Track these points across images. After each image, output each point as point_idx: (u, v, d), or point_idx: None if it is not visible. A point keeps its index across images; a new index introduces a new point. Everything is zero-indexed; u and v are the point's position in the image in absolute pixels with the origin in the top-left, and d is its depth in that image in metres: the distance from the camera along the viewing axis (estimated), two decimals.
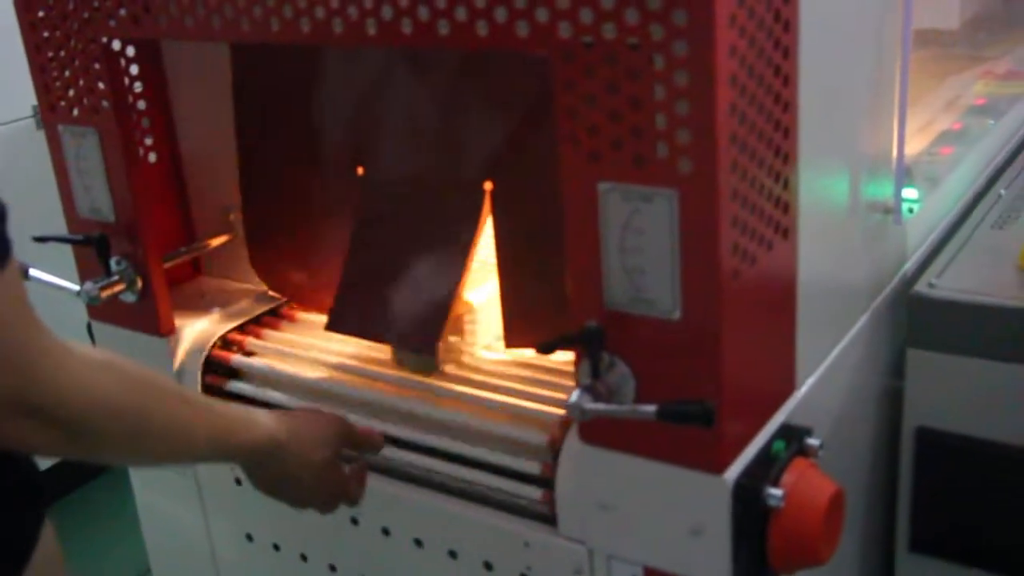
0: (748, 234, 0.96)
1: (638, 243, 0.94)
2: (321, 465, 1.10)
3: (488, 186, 1.23)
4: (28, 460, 0.98)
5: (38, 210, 1.41)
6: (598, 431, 1.04)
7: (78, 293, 1.33)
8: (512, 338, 1.25)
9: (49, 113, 1.35)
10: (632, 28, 0.89)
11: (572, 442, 1.07)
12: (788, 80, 1.00)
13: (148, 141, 1.48)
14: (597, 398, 0.98)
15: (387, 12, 1.01)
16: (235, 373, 1.39)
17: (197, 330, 1.41)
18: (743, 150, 0.93)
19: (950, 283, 1.36)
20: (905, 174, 1.33)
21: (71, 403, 0.83)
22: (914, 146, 1.56)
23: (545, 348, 0.97)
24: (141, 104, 1.46)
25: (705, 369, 0.96)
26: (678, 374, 0.97)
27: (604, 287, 0.98)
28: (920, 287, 1.36)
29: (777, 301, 1.07)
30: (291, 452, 1.07)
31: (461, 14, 0.97)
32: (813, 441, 1.07)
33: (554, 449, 1.11)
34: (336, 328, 1.33)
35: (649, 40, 0.88)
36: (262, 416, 1.06)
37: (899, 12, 1.26)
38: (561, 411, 1.11)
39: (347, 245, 1.37)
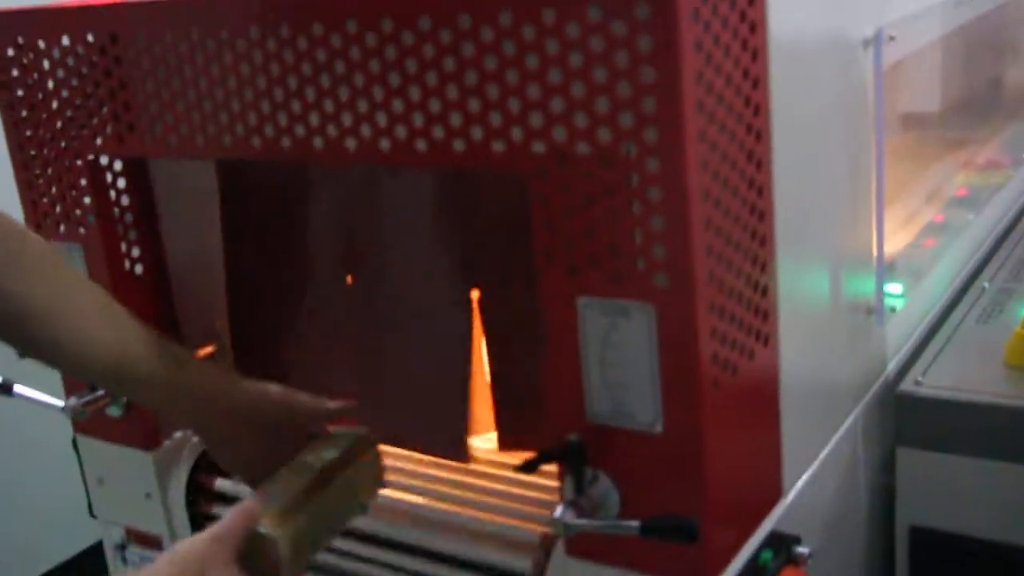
0: (728, 344, 0.96)
1: (617, 357, 0.94)
2: None
3: (475, 295, 1.24)
4: None
5: None
6: (584, 544, 1.03)
7: (63, 409, 1.32)
8: (505, 442, 1.26)
9: (35, 230, 1.35)
10: (605, 147, 0.90)
11: (559, 556, 1.06)
12: (762, 191, 1.01)
13: (135, 252, 1.48)
14: (581, 513, 0.97)
15: (366, 130, 1.03)
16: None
17: (182, 444, 1.40)
18: (719, 261, 0.94)
19: (936, 380, 1.35)
20: (888, 269, 1.34)
21: None
22: (900, 239, 1.56)
23: (526, 467, 0.96)
24: (128, 216, 1.46)
25: (688, 482, 0.95)
26: (662, 487, 0.96)
27: (586, 401, 0.97)
28: (906, 385, 1.35)
29: (760, 409, 1.06)
30: None
31: (438, 132, 0.99)
32: (802, 549, 1.06)
33: (546, 546, 1.09)
34: None
35: (623, 157, 0.89)
36: None
37: (871, 109, 1.26)
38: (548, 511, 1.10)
39: (335, 356, 1.37)
